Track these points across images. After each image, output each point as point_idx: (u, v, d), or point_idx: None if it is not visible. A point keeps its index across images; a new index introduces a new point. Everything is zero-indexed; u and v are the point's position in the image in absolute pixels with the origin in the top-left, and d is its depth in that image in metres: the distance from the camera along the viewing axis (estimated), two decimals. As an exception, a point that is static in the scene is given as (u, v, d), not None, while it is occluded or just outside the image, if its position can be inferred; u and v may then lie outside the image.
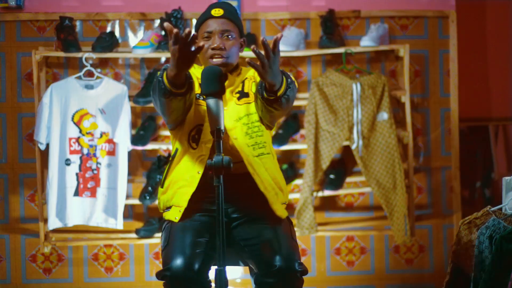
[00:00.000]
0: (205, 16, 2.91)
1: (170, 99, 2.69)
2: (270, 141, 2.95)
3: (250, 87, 2.93)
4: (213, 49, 2.86)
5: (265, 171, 2.87)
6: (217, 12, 2.89)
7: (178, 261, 2.63)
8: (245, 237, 2.80)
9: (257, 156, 2.86)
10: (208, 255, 2.72)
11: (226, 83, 2.88)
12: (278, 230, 2.79)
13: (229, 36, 2.88)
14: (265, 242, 2.73)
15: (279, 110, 2.79)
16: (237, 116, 2.87)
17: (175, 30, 2.55)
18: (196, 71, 2.95)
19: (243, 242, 2.81)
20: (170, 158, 2.92)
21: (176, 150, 2.90)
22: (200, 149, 2.83)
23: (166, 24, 2.58)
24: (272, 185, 2.87)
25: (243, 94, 2.91)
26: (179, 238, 2.73)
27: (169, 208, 2.89)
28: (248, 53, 4.28)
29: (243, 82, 2.94)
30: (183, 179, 2.84)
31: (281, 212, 2.88)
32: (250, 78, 2.96)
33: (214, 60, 2.86)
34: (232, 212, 2.86)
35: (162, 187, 2.92)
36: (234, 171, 2.63)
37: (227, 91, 2.90)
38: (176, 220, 2.83)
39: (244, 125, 2.86)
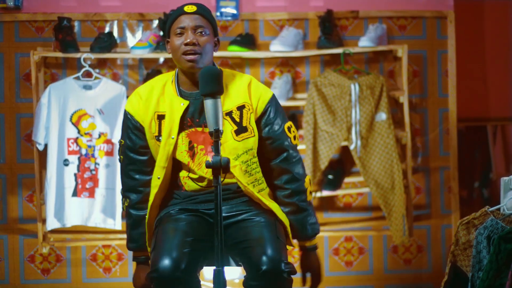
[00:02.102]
0: (178, 13, 2.84)
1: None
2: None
3: (249, 120, 2.84)
4: (186, 44, 2.78)
5: (271, 203, 2.89)
6: (190, 8, 2.83)
7: (165, 262, 2.63)
8: (235, 240, 2.79)
9: (259, 192, 2.87)
10: (196, 254, 2.71)
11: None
12: (265, 231, 2.76)
13: (203, 32, 2.81)
14: (253, 245, 2.71)
15: None
16: (236, 153, 2.81)
17: None
18: (148, 94, 2.87)
19: (234, 245, 2.80)
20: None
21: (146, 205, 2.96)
22: (150, 193, 2.88)
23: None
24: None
25: (241, 129, 2.82)
26: (166, 239, 2.73)
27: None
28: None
29: (241, 112, 2.84)
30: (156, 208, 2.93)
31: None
32: (248, 107, 2.84)
33: (188, 56, 2.78)
34: (223, 213, 2.85)
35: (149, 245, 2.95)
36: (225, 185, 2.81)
37: None
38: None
39: (243, 163, 2.82)
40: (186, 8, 2.83)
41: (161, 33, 4.38)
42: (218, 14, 4.47)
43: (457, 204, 4.63)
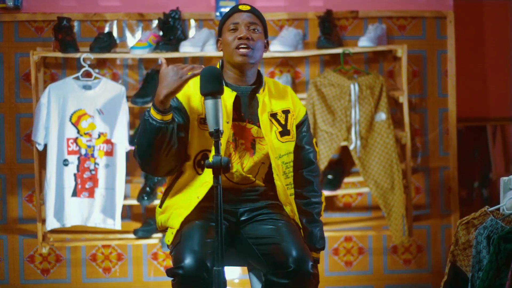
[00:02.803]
0: (232, 11, 2.89)
1: (161, 133, 2.67)
2: None
3: (292, 124, 2.93)
4: (240, 38, 2.82)
5: (296, 210, 2.93)
6: (244, 7, 2.89)
7: (191, 260, 2.63)
8: (255, 236, 2.81)
9: (290, 196, 2.93)
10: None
11: (260, 106, 2.85)
12: (289, 233, 2.79)
13: (256, 30, 2.86)
14: (277, 243, 2.73)
15: None
16: (278, 153, 2.87)
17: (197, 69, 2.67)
18: (196, 83, 2.84)
19: (251, 241, 2.81)
20: (171, 181, 2.88)
21: (181, 173, 2.86)
22: (205, 175, 2.82)
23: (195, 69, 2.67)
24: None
25: (285, 131, 2.90)
26: (191, 237, 2.72)
27: (165, 229, 2.90)
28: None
29: (286, 115, 2.92)
30: (182, 203, 2.84)
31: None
32: (292, 112, 2.93)
33: (241, 50, 2.82)
34: (242, 213, 2.87)
35: (160, 207, 2.91)
36: (252, 187, 2.85)
37: (265, 113, 2.87)
38: (168, 243, 2.83)
39: (283, 164, 2.89)
40: (241, 7, 2.89)
41: (161, 33, 4.38)
42: (217, 14, 4.47)
43: (457, 204, 4.63)
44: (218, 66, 2.91)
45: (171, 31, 4.35)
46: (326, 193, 4.49)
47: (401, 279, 4.64)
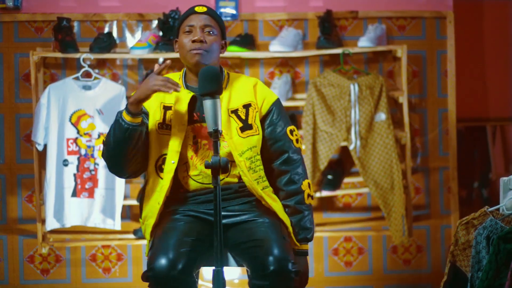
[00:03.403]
0: (188, 12, 2.91)
1: (128, 134, 2.74)
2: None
3: (254, 118, 2.89)
4: (193, 41, 2.84)
5: (272, 201, 2.89)
6: (200, 8, 2.90)
7: (161, 262, 2.63)
8: (239, 240, 2.80)
9: (262, 190, 2.89)
10: (194, 254, 2.71)
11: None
12: (271, 231, 2.77)
13: (211, 32, 2.87)
14: (258, 245, 2.72)
15: None
16: (240, 150, 2.85)
17: (168, 62, 2.72)
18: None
19: (236, 245, 2.80)
20: (143, 190, 2.93)
21: (147, 181, 2.90)
22: (164, 179, 2.83)
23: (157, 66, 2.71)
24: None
25: (246, 126, 2.88)
26: (163, 239, 2.73)
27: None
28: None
29: (247, 109, 2.89)
30: (150, 212, 2.87)
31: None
32: (254, 106, 2.90)
33: (193, 51, 2.83)
34: (224, 212, 2.84)
35: (140, 217, 2.94)
36: (223, 185, 2.81)
37: (223, 109, 2.85)
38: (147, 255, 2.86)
39: (247, 159, 2.85)
40: (196, 8, 2.90)
41: (161, 33, 4.38)
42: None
43: (457, 204, 4.63)
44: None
45: (171, 31, 4.36)
46: (326, 193, 4.49)
47: (401, 279, 4.64)
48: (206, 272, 4.44)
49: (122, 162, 2.83)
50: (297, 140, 2.96)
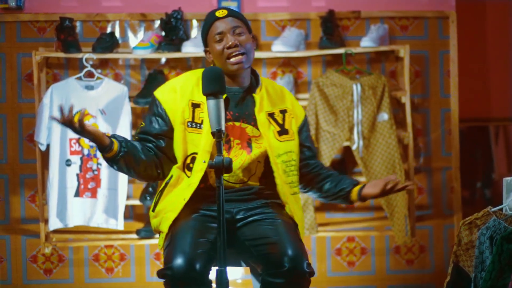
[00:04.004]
0: (211, 20, 2.88)
1: (114, 164, 2.83)
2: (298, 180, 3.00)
3: (291, 124, 2.94)
4: (228, 48, 2.83)
5: (297, 208, 2.93)
6: (221, 13, 2.87)
7: (180, 261, 2.63)
8: (251, 237, 2.80)
9: (292, 195, 2.92)
10: (210, 255, 2.71)
11: (257, 106, 2.87)
12: (286, 231, 2.79)
13: (241, 33, 2.86)
14: (273, 242, 2.73)
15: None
16: (277, 152, 2.88)
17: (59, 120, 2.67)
18: (184, 84, 2.90)
19: (248, 242, 2.80)
20: (164, 183, 2.90)
21: (171, 176, 2.88)
22: (192, 177, 2.83)
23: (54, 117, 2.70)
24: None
25: (283, 131, 2.91)
26: (181, 237, 2.73)
27: (159, 233, 2.93)
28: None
29: (283, 115, 2.93)
30: (170, 206, 2.86)
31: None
32: (290, 112, 2.95)
33: (233, 59, 2.83)
34: (237, 212, 2.87)
35: (153, 210, 2.93)
36: (246, 186, 2.86)
37: (262, 112, 2.88)
38: (160, 247, 2.88)
39: (283, 162, 2.88)
40: (217, 14, 2.87)
41: (163, 33, 4.38)
42: (220, 14, 4.47)
43: (459, 204, 4.63)
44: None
45: (173, 31, 4.36)
46: (328, 193, 4.48)
47: (403, 279, 4.64)
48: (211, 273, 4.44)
49: (133, 175, 2.91)
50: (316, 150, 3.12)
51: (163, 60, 4.52)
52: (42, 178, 4.34)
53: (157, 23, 4.50)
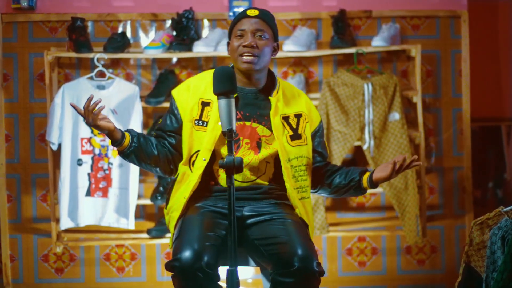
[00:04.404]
0: (240, 16, 2.92)
1: (126, 158, 2.92)
2: (310, 185, 2.98)
3: (304, 129, 2.94)
4: (244, 46, 2.86)
5: (305, 213, 2.93)
6: (252, 12, 2.91)
7: (188, 253, 2.64)
8: (261, 237, 2.81)
9: (300, 200, 2.92)
10: (218, 249, 2.73)
11: (272, 108, 2.89)
12: (295, 231, 2.79)
13: (262, 36, 2.88)
14: (283, 242, 2.73)
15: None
16: (287, 157, 2.89)
17: (80, 111, 2.83)
18: (198, 82, 2.96)
19: (258, 242, 2.81)
20: (172, 181, 2.98)
21: (178, 174, 2.95)
22: (192, 174, 2.88)
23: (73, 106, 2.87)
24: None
25: (296, 135, 2.92)
26: (189, 231, 2.75)
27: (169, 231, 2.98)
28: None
29: (298, 119, 2.94)
30: (175, 205, 2.91)
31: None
32: (305, 117, 2.96)
33: (244, 57, 2.86)
34: (247, 211, 2.87)
35: (166, 208, 2.99)
36: (254, 185, 2.87)
37: (277, 116, 2.90)
38: (170, 247, 2.93)
39: (292, 167, 2.90)
40: (248, 12, 2.91)
41: (174, 33, 4.39)
42: (231, 14, 4.47)
43: (471, 205, 4.61)
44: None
45: (185, 31, 4.36)
46: (339, 193, 4.48)
47: (415, 279, 4.63)
48: (221, 272, 4.44)
49: (147, 169, 2.98)
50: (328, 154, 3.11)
51: (174, 59, 4.52)
52: (53, 177, 4.36)
53: (168, 23, 4.50)
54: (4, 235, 4.48)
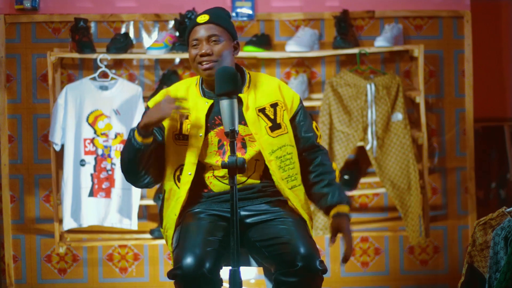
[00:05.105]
0: (192, 24, 2.89)
1: (140, 154, 2.80)
2: (299, 171, 2.94)
3: (282, 117, 2.90)
4: (201, 55, 2.84)
5: (298, 202, 2.90)
6: (202, 18, 2.87)
7: (189, 260, 2.63)
8: (262, 238, 2.80)
9: (290, 189, 2.89)
10: (219, 254, 2.73)
11: (244, 104, 2.87)
12: (296, 230, 2.79)
13: (217, 41, 2.86)
14: (284, 242, 2.73)
15: None
16: (271, 149, 2.86)
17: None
18: (175, 93, 2.92)
19: (259, 243, 2.81)
20: (161, 200, 2.96)
21: (165, 191, 2.93)
22: (180, 190, 2.86)
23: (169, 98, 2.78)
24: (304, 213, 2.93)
25: (275, 125, 2.89)
26: (190, 237, 2.74)
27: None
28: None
29: (275, 109, 2.90)
30: (169, 223, 2.89)
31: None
32: (281, 105, 2.91)
33: (204, 65, 2.84)
34: (243, 211, 2.87)
35: (161, 226, 2.97)
36: (247, 185, 2.85)
37: (250, 110, 2.87)
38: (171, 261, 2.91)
39: (277, 158, 2.87)
40: (198, 19, 2.88)
41: (177, 33, 4.39)
42: (234, 14, 4.47)
43: (474, 205, 4.61)
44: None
45: (187, 31, 4.36)
46: (342, 193, 4.48)
47: (417, 280, 4.63)
48: (223, 272, 4.44)
49: (136, 175, 2.89)
50: (320, 136, 3.02)
51: (177, 60, 4.53)
52: (56, 178, 4.36)
53: (171, 23, 4.51)
54: (7, 235, 4.48)
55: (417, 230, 4.40)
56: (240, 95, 2.87)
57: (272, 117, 2.89)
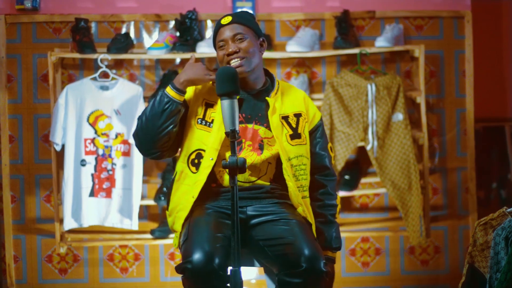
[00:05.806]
0: (217, 27, 2.96)
1: (168, 109, 2.82)
2: (308, 186, 2.99)
3: (303, 128, 2.96)
4: (228, 55, 2.89)
5: (306, 209, 2.94)
6: (225, 20, 2.94)
7: (199, 255, 2.65)
8: (266, 238, 2.82)
9: (302, 199, 2.94)
10: (227, 250, 2.73)
11: (270, 108, 2.91)
12: (301, 231, 2.80)
13: (242, 39, 2.91)
14: (288, 243, 2.75)
15: None
16: (288, 156, 2.91)
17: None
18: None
19: (263, 243, 2.82)
20: (171, 182, 2.98)
21: (176, 173, 2.95)
22: (199, 173, 2.87)
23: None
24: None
25: (296, 134, 2.94)
26: (198, 232, 2.75)
27: (175, 231, 2.97)
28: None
29: (297, 119, 2.96)
30: (181, 205, 2.90)
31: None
32: (304, 116, 2.97)
33: (232, 63, 2.88)
34: (250, 211, 2.88)
35: (167, 209, 2.99)
36: (256, 185, 2.89)
37: (275, 115, 2.92)
38: (176, 246, 2.93)
39: (293, 167, 2.92)
40: (222, 21, 2.95)
41: (178, 33, 4.39)
42: (234, 14, 4.47)
43: (475, 205, 4.61)
44: None
45: (188, 31, 4.36)
46: (342, 193, 4.48)
47: (418, 280, 4.62)
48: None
49: (152, 138, 2.87)
50: (333, 157, 3.04)
51: (178, 60, 4.53)
52: (57, 178, 4.37)
53: (172, 23, 4.51)
54: (8, 235, 4.48)
55: (418, 230, 4.40)
56: (267, 98, 2.94)
57: (294, 126, 2.95)
